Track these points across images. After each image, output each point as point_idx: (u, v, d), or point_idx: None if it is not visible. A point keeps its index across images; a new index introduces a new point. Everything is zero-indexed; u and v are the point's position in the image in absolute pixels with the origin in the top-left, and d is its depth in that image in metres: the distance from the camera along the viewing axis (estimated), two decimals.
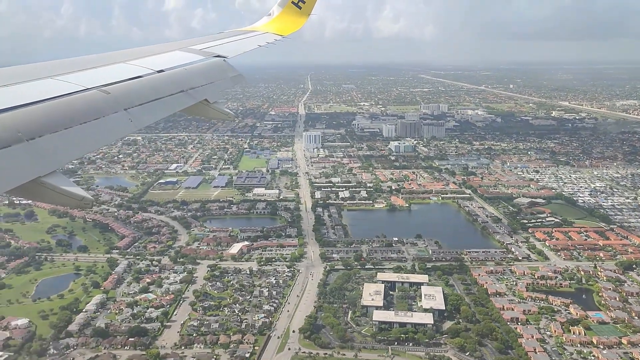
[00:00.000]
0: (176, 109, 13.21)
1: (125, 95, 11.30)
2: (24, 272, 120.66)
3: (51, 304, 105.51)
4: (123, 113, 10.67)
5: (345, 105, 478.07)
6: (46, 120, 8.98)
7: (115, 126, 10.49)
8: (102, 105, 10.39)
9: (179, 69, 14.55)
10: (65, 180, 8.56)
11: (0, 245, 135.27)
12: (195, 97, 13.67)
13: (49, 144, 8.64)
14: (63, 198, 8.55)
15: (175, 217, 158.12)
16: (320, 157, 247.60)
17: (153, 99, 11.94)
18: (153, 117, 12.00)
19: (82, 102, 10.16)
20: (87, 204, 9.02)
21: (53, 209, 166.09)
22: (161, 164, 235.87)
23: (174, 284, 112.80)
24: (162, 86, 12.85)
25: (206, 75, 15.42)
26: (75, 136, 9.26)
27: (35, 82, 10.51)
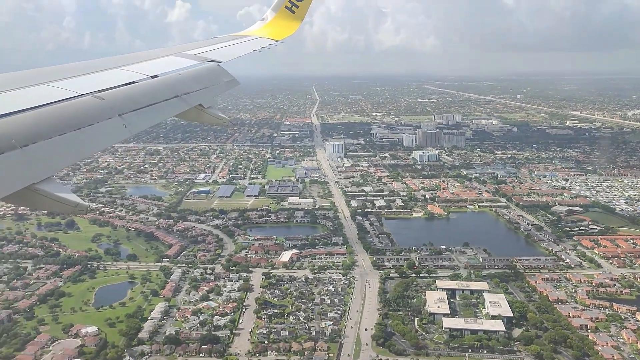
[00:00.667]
0: (171, 114, 13.25)
1: (119, 101, 11.26)
2: (79, 281, 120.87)
3: (115, 312, 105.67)
4: (117, 119, 10.60)
5: (358, 116, 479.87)
6: (40, 127, 8.90)
7: (109, 132, 10.40)
8: (96, 111, 10.34)
9: (173, 74, 14.61)
10: (59, 187, 8.54)
11: (51, 254, 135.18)
12: (189, 102, 13.70)
13: (42, 151, 8.54)
14: (57, 205, 8.43)
15: (217, 226, 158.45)
16: (346, 166, 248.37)
17: (147, 104, 11.90)
18: (147, 122, 11.92)
19: (75, 108, 10.10)
20: (82, 210, 8.94)
21: (93, 218, 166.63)
22: (189, 173, 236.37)
23: (232, 292, 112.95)
24: (156, 91, 12.87)
25: (200, 80, 15.50)
26: (69, 142, 9.18)
27: (29, 89, 10.46)
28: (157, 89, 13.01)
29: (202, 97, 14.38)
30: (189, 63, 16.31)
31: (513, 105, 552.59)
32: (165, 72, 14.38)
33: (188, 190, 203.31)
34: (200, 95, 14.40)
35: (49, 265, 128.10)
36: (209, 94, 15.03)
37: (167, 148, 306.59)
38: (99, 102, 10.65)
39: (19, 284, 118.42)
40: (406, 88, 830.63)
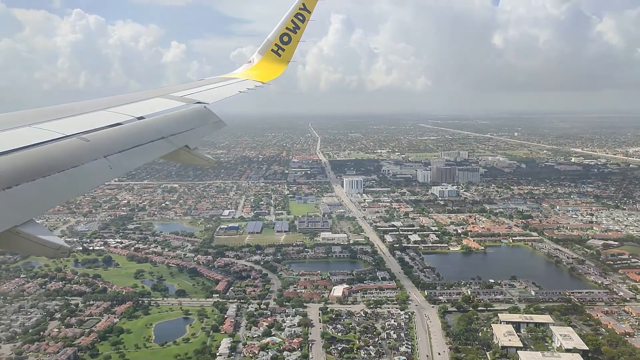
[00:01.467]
0: (156, 155, 13.21)
1: (105, 142, 11.19)
2: (134, 317, 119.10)
3: (179, 348, 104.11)
4: (102, 160, 10.52)
5: (363, 153, 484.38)
6: (23, 169, 8.79)
7: (94, 173, 10.32)
8: (81, 153, 10.23)
9: (159, 116, 14.56)
10: (41, 229, 8.40)
11: (98, 291, 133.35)
12: (175, 143, 13.68)
13: (25, 193, 8.44)
14: (39, 247, 8.35)
15: (256, 261, 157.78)
16: (368, 201, 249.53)
17: (133, 145, 11.84)
18: (133, 163, 11.87)
19: (60, 149, 9.97)
20: (64, 253, 8.79)
21: (130, 254, 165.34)
22: (212, 210, 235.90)
23: (293, 327, 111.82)
24: (143, 133, 12.85)
25: (187, 121, 15.46)
26: (53, 184, 9.06)
27: (14, 131, 10.37)
28: (143, 130, 13.04)
29: (188, 139, 14.41)
30: (176, 105, 16.42)
31: (513, 142, 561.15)
32: (152, 113, 14.40)
33: (217, 227, 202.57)
34: (187, 136, 14.46)
35: (99, 302, 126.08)
36: (195, 135, 15.09)
37: (182, 185, 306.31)
38: (85, 144, 10.55)
39: (74, 321, 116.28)
40: (402, 126, 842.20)
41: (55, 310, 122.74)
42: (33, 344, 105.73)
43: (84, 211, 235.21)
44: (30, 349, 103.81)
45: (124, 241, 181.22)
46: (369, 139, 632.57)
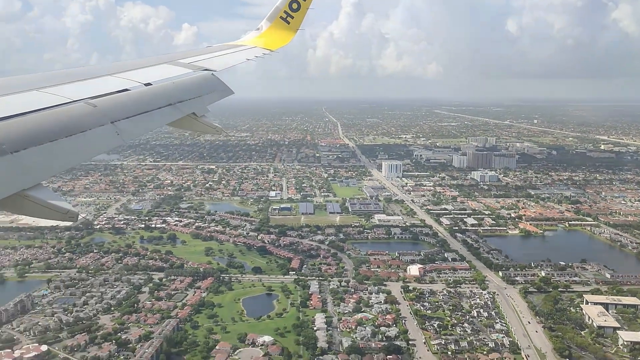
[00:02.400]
0: (164, 123, 13.22)
1: (112, 108, 11.16)
2: (220, 292, 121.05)
3: (276, 323, 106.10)
4: (110, 126, 10.50)
5: (388, 138, 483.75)
6: (31, 133, 8.86)
7: (101, 139, 10.31)
8: (88, 118, 10.25)
9: (166, 83, 14.55)
10: (50, 194, 8.48)
11: (176, 266, 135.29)
12: (183, 110, 13.67)
13: (33, 157, 8.48)
14: (47, 211, 8.39)
15: (320, 241, 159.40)
16: (410, 185, 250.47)
17: (140, 112, 11.84)
18: (140, 130, 11.84)
19: (68, 114, 10.01)
20: (72, 217, 8.84)
21: (193, 232, 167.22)
22: (257, 191, 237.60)
23: (380, 304, 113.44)
24: (150, 99, 12.85)
25: (194, 88, 15.42)
26: (61, 149, 9.09)
27: (20, 95, 10.38)
28: (150, 96, 13.05)
29: (195, 106, 14.43)
30: (183, 71, 16.36)
31: (535, 129, 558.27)
32: (159, 80, 14.40)
33: (268, 207, 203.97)
34: (194, 103, 14.46)
35: (181, 277, 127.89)
36: (202, 103, 15.03)
37: (218, 166, 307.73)
38: (92, 109, 10.56)
39: (163, 295, 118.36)
40: (417, 112, 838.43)
41: (141, 283, 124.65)
42: (131, 315, 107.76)
43: (130, 190, 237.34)
44: (130, 319, 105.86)
45: (182, 219, 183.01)
46: (388, 124, 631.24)
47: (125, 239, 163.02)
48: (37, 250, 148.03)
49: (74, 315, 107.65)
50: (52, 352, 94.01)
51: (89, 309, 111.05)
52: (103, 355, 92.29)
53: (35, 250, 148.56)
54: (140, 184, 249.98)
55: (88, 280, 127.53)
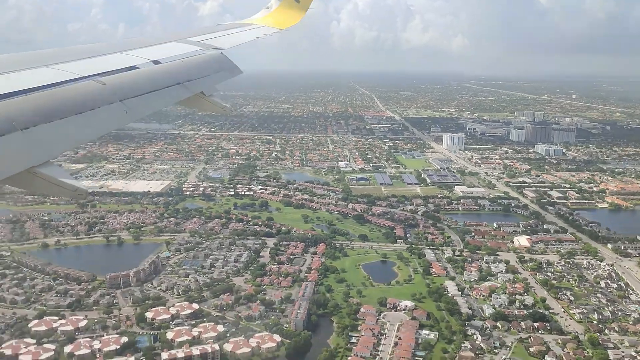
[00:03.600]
0: (173, 101, 13.25)
1: (121, 86, 11.16)
2: (336, 258, 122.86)
3: (408, 288, 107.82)
4: (118, 104, 10.47)
5: (431, 111, 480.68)
6: (41, 110, 8.83)
7: (110, 117, 10.26)
8: (97, 96, 10.22)
9: (175, 61, 14.45)
10: (59, 171, 8.48)
11: (284, 232, 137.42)
12: (191, 89, 13.54)
13: (43, 134, 8.45)
14: (57, 189, 8.40)
15: (412, 211, 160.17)
16: (476, 158, 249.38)
17: (149, 90, 11.81)
18: (149, 108, 11.79)
19: (77, 91, 10.01)
20: (81, 195, 8.89)
21: (284, 200, 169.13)
22: (325, 161, 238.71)
23: (501, 273, 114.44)
24: (159, 77, 12.78)
25: (203, 67, 15.33)
26: (70, 126, 9.07)
27: (30, 71, 10.34)
28: (159, 75, 12.98)
29: (204, 85, 14.37)
30: (192, 49, 16.25)
31: (578, 105, 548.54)
32: (168, 58, 14.31)
33: (344, 177, 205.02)
34: (203, 82, 14.40)
35: (293, 243, 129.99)
36: (211, 82, 14.97)
37: (275, 137, 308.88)
38: (101, 87, 10.53)
39: (284, 259, 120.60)
40: (448, 86, 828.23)
41: (257, 248, 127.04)
42: (262, 277, 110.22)
43: (200, 158, 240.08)
44: (263, 282, 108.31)
45: (266, 188, 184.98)
46: (424, 97, 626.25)
47: (218, 205, 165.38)
48: (140, 215, 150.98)
49: (209, 277, 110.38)
50: (203, 310, 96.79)
51: (218, 271, 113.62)
52: (254, 315, 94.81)
53: (139, 214, 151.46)
54: (207, 153, 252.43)
55: (203, 243, 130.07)
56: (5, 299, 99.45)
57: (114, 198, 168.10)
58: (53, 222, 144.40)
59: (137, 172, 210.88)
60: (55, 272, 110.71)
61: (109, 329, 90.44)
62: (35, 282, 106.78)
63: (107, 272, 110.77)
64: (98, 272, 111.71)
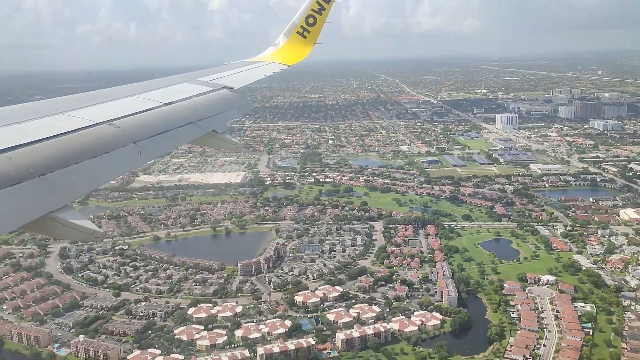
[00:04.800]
0: (185, 141, 13.44)
1: (135, 129, 11.30)
2: (450, 238, 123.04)
3: (538, 263, 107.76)
4: (132, 146, 10.64)
5: (464, 93, 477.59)
6: (57, 156, 8.99)
7: (124, 159, 10.46)
8: (111, 139, 10.41)
9: (187, 101, 14.68)
10: (76, 214, 8.54)
11: (385, 215, 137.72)
12: (203, 128, 13.76)
13: (59, 179, 8.64)
14: (74, 232, 8.44)
15: (501, 190, 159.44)
16: (535, 136, 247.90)
17: (162, 131, 12.00)
18: (162, 149, 12.06)
19: (92, 136, 10.19)
20: (98, 238, 8.92)
21: (368, 185, 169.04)
22: (385, 146, 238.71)
23: (626, 245, 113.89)
24: (171, 118, 12.99)
25: (214, 106, 15.52)
26: (86, 170, 9.26)
27: (47, 119, 10.57)
28: (171, 115, 13.19)
29: (216, 123, 14.53)
30: (203, 89, 16.49)
31: (608, 80, 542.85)
32: (180, 99, 14.56)
33: (412, 160, 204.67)
34: (214, 121, 14.56)
35: (399, 225, 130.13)
36: (222, 120, 15.18)
37: (322, 125, 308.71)
38: (115, 130, 10.73)
39: (400, 241, 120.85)
40: (466, 69, 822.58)
41: (366, 232, 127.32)
42: (388, 259, 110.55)
43: (259, 149, 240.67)
44: (391, 263, 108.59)
45: (342, 174, 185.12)
46: (449, 80, 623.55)
47: (304, 192, 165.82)
48: (234, 205, 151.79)
49: (335, 261, 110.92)
50: (349, 293, 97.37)
51: (340, 255, 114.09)
52: (401, 295, 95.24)
53: (232, 205, 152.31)
54: (264, 144, 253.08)
55: (310, 230, 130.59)
56: (150, 289, 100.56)
57: (200, 190, 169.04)
58: (153, 215, 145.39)
59: (205, 165, 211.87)
60: (184, 263, 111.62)
61: (265, 313, 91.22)
62: (168, 272, 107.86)
63: (230, 260, 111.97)
64: (222, 260, 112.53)
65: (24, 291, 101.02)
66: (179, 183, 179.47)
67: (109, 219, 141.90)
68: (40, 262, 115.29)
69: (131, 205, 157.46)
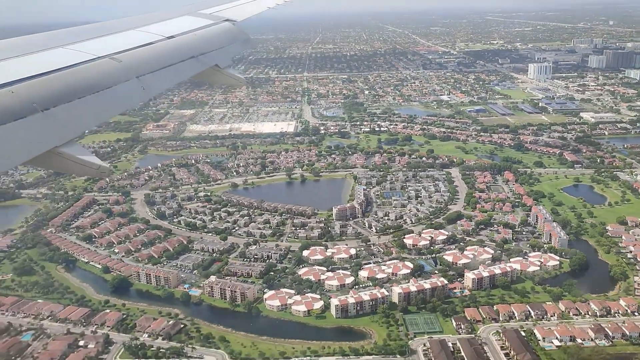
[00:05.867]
0: (187, 75, 13.29)
1: (137, 63, 11.20)
2: (531, 184, 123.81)
3: (630, 208, 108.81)
4: (135, 81, 10.60)
5: (480, 44, 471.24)
6: (60, 91, 8.89)
7: (127, 94, 10.44)
8: (114, 74, 10.31)
9: (188, 35, 14.39)
10: (81, 150, 8.58)
11: (457, 163, 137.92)
12: (206, 62, 13.63)
13: (64, 114, 8.56)
14: (80, 167, 8.47)
15: (561, 138, 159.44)
16: (572, 86, 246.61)
17: (164, 65, 11.92)
18: (165, 84, 11.99)
19: (94, 71, 10.07)
20: (104, 173, 9.02)
21: (426, 134, 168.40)
22: (425, 95, 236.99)
23: None
24: (173, 52, 12.85)
25: (216, 40, 15.20)
26: (89, 105, 9.21)
27: (47, 52, 10.37)
28: (173, 50, 13.04)
29: (218, 58, 14.32)
30: (204, 23, 16.12)
31: (621, 30, 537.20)
32: (181, 32, 14.32)
33: (458, 109, 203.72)
34: (217, 55, 14.35)
35: (475, 172, 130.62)
36: (225, 54, 14.89)
37: (350, 76, 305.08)
38: (117, 64, 10.60)
39: (483, 186, 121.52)
40: (472, 21, 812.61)
41: (444, 178, 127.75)
42: (479, 204, 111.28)
43: (297, 99, 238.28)
44: (485, 207, 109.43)
45: (393, 123, 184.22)
46: (459, 31, 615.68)
47: (361, 141, 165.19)
48: (297, 153, 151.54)
49: (427, 206, 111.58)
50: (456, 236, 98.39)
51: (428, 201, 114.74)
52: (508, 237, 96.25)
53: (296, 153, 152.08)
54: (298, 94, 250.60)
55: (386, 176, 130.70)
56: (253, 233, 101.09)
57: (257, 139, 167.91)
58: (222, 163, 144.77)
59: (248, 114, 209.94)
60: (275, 208, 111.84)
61: (379, 255, 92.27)
62: (264, 217, 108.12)
63: (316, 206, 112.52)
64: (310, 205, 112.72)
65: (128, 235, 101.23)
66: (231, 132, 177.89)
67: (178, 167, 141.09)
68: (130, 209, 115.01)
69: (192, 153, 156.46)
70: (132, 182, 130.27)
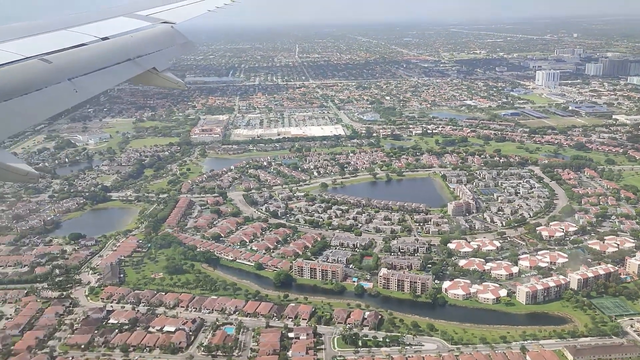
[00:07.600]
0: (124, 78, 12.89)
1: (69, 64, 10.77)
2: (610, 179, 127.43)
3: None
4: (67, 83, 10.16)
5: (464, 53, 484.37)
6: None
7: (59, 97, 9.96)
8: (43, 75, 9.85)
9: (124, 36, 14.03)
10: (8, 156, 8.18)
11: (531, 161, 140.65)
12: (143, 65, 13.32)
13: None
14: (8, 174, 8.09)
15: (612, 138, 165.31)
16: (583, 91, 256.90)
17: (99, 68, 11.54)
18: (99, 87, 11.58)
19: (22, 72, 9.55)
20: (32, 179, 8.51)
21: (480, 135, 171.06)
22: (449, 101, 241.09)
23: None
24: (108, 54, 12.52)
25: (154, 42, 14.95)
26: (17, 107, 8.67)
27: None
28: (108, 51, 12.73)
29: (156, 60, 14.17)
30: (141, 24, 15.78)
31: (589, 42, 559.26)
32: (116, 34, 13.97)
33: (491, 113, 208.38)
34: (154, 58, 14.18)
35: (553, 169, 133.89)
36: (163, 57, 14.74)
37: (358, 83, 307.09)
38: (47, 66, 10.13)
39: (573, 182, 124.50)
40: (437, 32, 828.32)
41: (528, 175, 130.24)
42: (580, 199, 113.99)
43: (325, 105, 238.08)
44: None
45: (438, 126, 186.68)
46: (434, 42, 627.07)
47: (420, 143, 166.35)
48: (368, 155, 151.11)
49: (535, 201, 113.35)
50: (585, 227, 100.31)
51: (523, 200, 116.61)
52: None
53: (364, 154, 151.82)
54: (319, 100, 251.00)
55: (473, 175, 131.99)
56: (382, 229, 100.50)
57: (316, 142, 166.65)
58: (297, 165, 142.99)
59: (284, 119, 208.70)
60: (386, 206, 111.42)
61: (521, 246, 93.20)
62: (384, 214, 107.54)
63: (417, 202, 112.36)
64: (414, 202, 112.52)
65: (255, 234, 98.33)
66: (281, 136, 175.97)
67: (255, 169, 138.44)
68: (237, 209, 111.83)
69: (254, 156, 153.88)
70: (220, 184, 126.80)
